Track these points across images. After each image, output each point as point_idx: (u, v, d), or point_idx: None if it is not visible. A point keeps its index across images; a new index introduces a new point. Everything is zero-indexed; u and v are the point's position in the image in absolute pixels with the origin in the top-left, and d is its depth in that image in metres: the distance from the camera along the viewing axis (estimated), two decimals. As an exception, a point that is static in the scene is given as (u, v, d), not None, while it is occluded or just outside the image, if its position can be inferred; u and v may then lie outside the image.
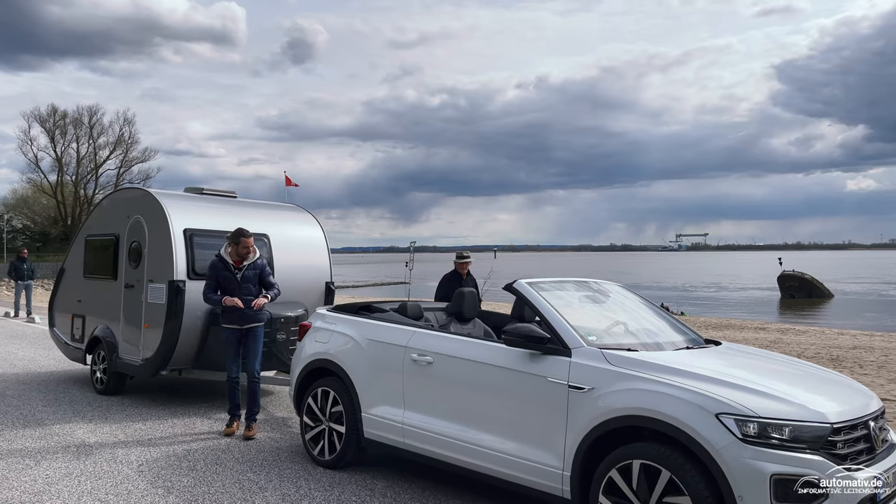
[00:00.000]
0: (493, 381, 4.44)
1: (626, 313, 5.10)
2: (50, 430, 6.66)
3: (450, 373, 4.72)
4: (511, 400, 4.31)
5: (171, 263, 7.49)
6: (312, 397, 5.73)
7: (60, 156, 56.95)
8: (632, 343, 4.40)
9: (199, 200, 8.41)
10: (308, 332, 6.02)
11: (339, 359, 5.52)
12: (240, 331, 6.71)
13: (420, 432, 4.84)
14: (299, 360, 5.96)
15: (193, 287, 7.50)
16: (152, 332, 7.68)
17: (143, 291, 7.89)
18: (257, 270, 6.77)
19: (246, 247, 6.64)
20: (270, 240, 8.36)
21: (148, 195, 8.04)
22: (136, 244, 8.13)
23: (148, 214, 7.99)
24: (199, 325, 7.59)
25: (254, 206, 8.96)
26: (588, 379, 3.96)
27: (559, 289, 4.92)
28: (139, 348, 7.87)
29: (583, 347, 4.12)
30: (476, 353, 4.61)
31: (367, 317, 5.67)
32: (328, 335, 5.75)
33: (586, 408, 3.90)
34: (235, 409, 6.77)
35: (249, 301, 6.61)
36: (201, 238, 7.76)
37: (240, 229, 6.66)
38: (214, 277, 6.64)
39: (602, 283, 5.53)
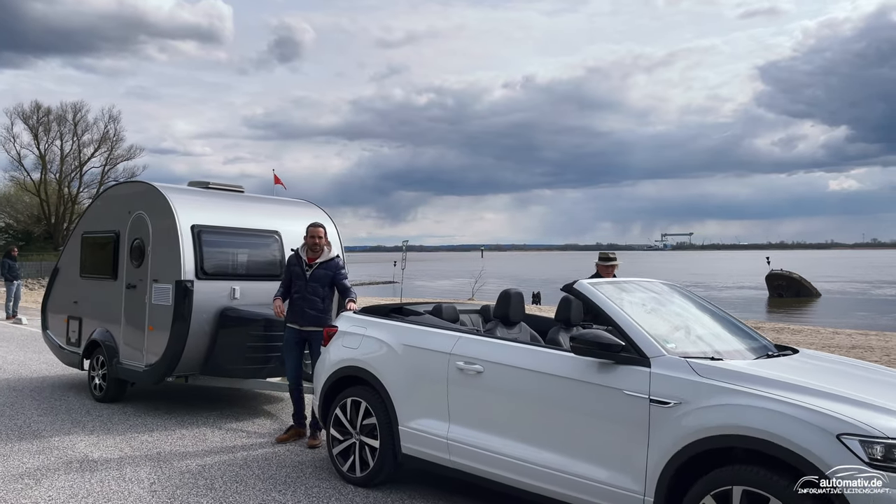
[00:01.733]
0: (556, 393, 3.99)
1: (683, 316, 4.66)
2: (49, 444, 6.13)
3: (504, 383, 4.26)
4: (579, 415, 3.87)
5: (177, 262, 6.97)
6: (340, 408, 5.25)
7: (44, 153, 55.85)
8: (704, 350, 3.97)
9: (205, 195, 7.90)
10: (334, 336, 5.55)
11: (372, 366, 5.05)
12: (300, 332, 6.35)
13: (468, 449, 4.38)
14: (324, 368, 5.49)
15: (202, 287, 7.01)
16: (157, 335, 7.17)
17: (147, 292, 7.37)
18: (330, 271, 6.36)
19: (313, 237, 6.35)
20: (282, 237, 7.86)
21: (152, 189, 7.52)
22: (138, 242, 7.61)
23: (152, 210, 7.47)
24: (208, 328, 7.09)
25: (264, 201, 8.46)
26: (673, 392, 3.53)
27: (621, 290, 4.47)
28: (143, 353, 7.35)
29: (663, 356, 3.68)
30: (535, 362, 4.16)
31: (400, 320, 5.21)
32: (358, 340, 5.28)
33: (672, 425, 3.47)
34: (298, 416, 6.46)
35: (314, 303, 6.29)
36: (210, 235, 7.25)
37: (312, 221, 6.56)
38: (287, 273, 6.49)
39: (652, 282, 5.09)
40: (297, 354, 6.46)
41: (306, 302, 6.32)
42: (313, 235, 6.41)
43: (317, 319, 6.33)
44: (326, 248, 6.51)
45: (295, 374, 6.47)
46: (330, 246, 6.58)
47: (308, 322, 6.34)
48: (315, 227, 6.45)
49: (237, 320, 7.10)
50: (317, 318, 6.34)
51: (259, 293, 7.45)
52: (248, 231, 7.64)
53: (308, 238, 6.44)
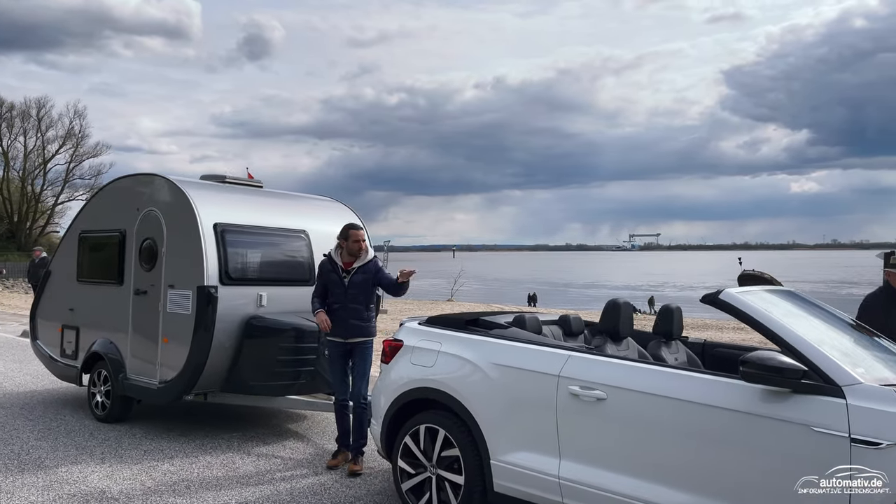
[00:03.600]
0: (714, 427, 3.32)
1: (821, 329, 3.97)
2: (56, 476, 5.29)
3: (637, 414, 3.58)
4: (748, 455, 3.20)
5: (200, 265, 6.16)
6: (411, 436, 4.53)
7: (6, 150, 53.68)
8: (886, 376, 3.32)
9: (225, 191, 7.09)
10: (399, 352, 4.82)
11: (454, 388, 4.33)
12: (344, 345, 5.68)
13: (590, 491, 3.68)
14: (389, 389, 4.76)
15: (227, 294, 6.21)
16: (174, 348, 6.35)
17: (161, 299, 6.54)
18: (368, 275, 5.69)
19: (357, 241, 5.68)
20: (310, 237, 7.08)
21: (168, 183, 6.69)
22: (149, 242, 6.77)
23: (166, 206, 6.65)
24: (232, 339, 6.29)
25: (287, 197, 7.67)
26: (882, 430, 2.88)
27: (765, 300, 3.79)
28: (156, 367, 6.52)
29: (860, 385, 3.04)
30: (679, 389, 3.48)
31: (483, 334, 4.50)
32: (432, 357, 4.55)
33: (887, 470, 2.83)
34: (344, 437, 5.75)
35: (357, 311, 5.64)
36: (234, 235, 6.45)
37: (349, 223, 5.85)
38: (321, 281, 5.81)
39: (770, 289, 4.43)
40: (343, 369, 5.78)
41: (348, 312, 5.64)
42: (357, 240, 5.73)
43: (362, 329, 5.68)
44: (364, 251, 5.81)
45: (342, 390, 5.77)
46: (367, 249, 5.86)
47: (353, 333, 5.67)
48: (357, 231, 5.77)
49: (265, 330, 6.32)
50: (362, 328, 5.68)
51: (287, 300, 6.68)
52: (274, 231, 6.85)
53: (351, 243, 5.73)
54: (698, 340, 5.03)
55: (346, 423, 5.77)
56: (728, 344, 4.94)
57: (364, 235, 5.80)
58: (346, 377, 5.80)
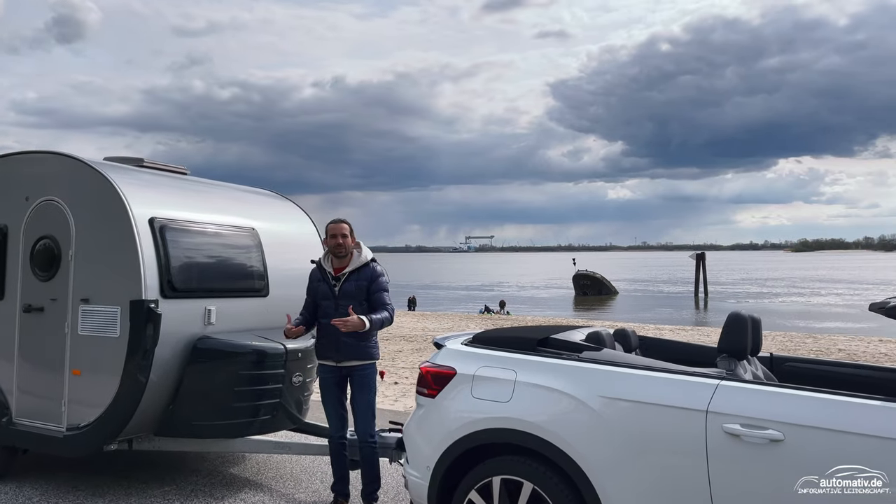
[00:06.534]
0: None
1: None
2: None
3: (832, 458, 2.86)
4: None
5: (134, 273, 4.69)
6: (480, 492, 3.52)
7: None
8: None
9: (154, 177, 5.57)
10: (451, 382, 3.78)
11: (547, 429, 3.39)
12: (337, 370, 4.60)
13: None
14: (439, 430, 3.71)
15: (168, 309, 4.79)
16: (92, 381, 4.82)
17: (68, 317, 4.96)
18: (363, 283, 4.60)
19: (334, 236, 4.63)
20: (260, 236, 5.76)
21: (79, 165, 5.08)
22: (46, 243, 5.13)
23: (76, 196, 5.05)
24: (173, 368, 4.88)
25: (225, 188, 6.21)
26: None
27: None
28: (62, 407, 4.93)
29: None
30: (887, 425, 2.80)
31: (571, 357, 3.59)
32: (506, 388, 3.58)
33: None
34: (341, 484, 4.69)
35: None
36: (175, 234, 5.00)
37: (332, 219, 4.69)
38: (309, 296, 4.83)
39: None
40: (338, 398, 4.73)
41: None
42: (335, 234, 4.70)
43: (359, 350, 4.63)
44: (356, 251, 4.76)
45: (338, 424, 4.69)
46: (360, 248, 4.77)
47: (347, 355, 4.61)
48: (337, 224, 4.73)
49: (216, 355, 4.96)
50: (358, 348, 4.63)
51: (238, 316, 5.36)
52: (220, 228, 5.46)
53: (329, 239, 4.74)
54: (763, 354, 4.45)
55: (344, 465, 4.68)
56: (801, 358, 4.40)
57: (345, 229, 4.70)
58: (342, 410, 4.71)
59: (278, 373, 5.08)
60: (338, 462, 4.67)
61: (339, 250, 4.68)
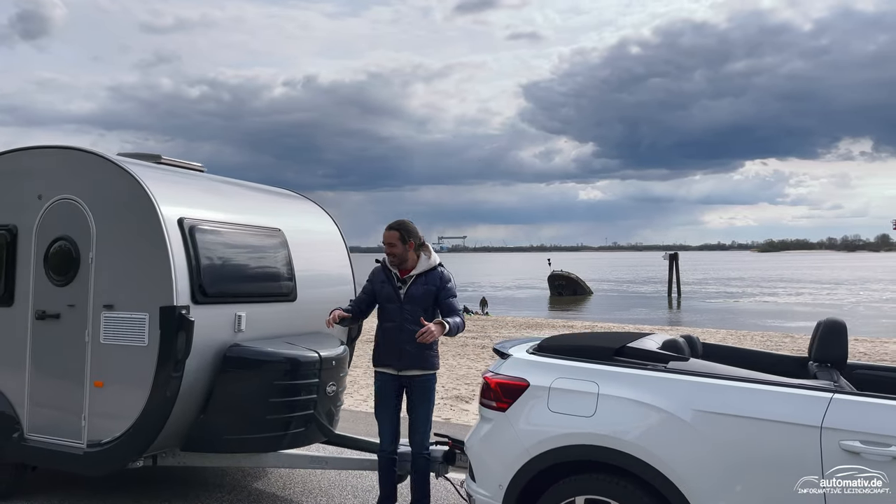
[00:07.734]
0: None
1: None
2: None
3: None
4: None
5: (164, 277, 4.36)
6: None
7: None
8: None
9: (176, 175, 5.24)
10: (523, 395, 3.54)
11: (638, 445, 3.17)
12: (397, 379, 4.36)
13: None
14: (513, 447, 3.47)
15: (199, 315, 4.47)
16: (117, 393, 4.49)
17: (89, 325, 4.61)
18: (431, 287, 4.36)
19: (386, 244, 4.42)
20: (286, 237, 5.46)
21: (100, 161, 4.73)
22: (62, 245, 4.77)
23: (97, 194, 4.70)
24: (203, 378, 4.57)
25: (246, 187, 5.89)
26: None
27: None
28: (82, 422, 4.58)
29: None
30: None
31: (657, 369, 3.37)
32: (588, 402, 3.34)
33: None
34: (388, 501, 4.41)
35: (413, 332, 4.20)
36: (205, 235, 4.69)
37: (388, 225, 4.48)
38: (369, 290, 4.57)
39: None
40: (395, 409, 4.47)
41: (404, 334, 4.32)
42: (385, 243, 4.47)
43: (422, 360, 4.37)
44: (423, 254, 4.50)
45: (391, 437, 4.45)
46: (427, 251, 4.52)
47: (408, 364, 4.35)
48: (385, 233, 4.50)
49: (247, 364, 4.65)
50: (422, 357, 4.37)
51: (268, 322, 5.06)
52: (248, 229, 5.15)
53: (385, 244, 4.48)
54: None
55: (393, 482, 4.43)
56: (869, 364, 4.25)
57: (394, 237, 4.45)
58: (395, 422, 4.44)
59: (312, 382, 4.78)
60: (387, 478, 4.41)
61: (392, 260, 4.45)
